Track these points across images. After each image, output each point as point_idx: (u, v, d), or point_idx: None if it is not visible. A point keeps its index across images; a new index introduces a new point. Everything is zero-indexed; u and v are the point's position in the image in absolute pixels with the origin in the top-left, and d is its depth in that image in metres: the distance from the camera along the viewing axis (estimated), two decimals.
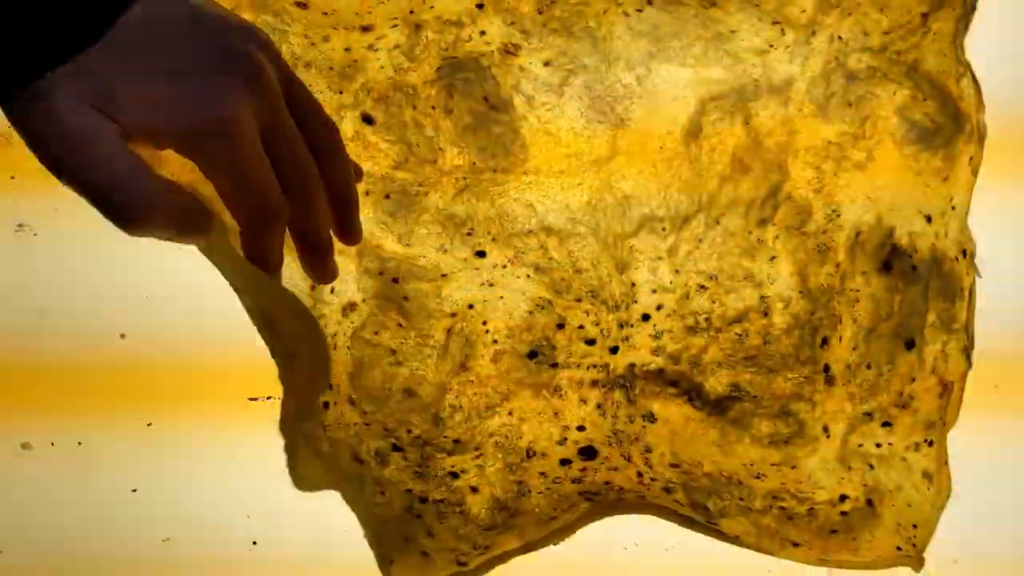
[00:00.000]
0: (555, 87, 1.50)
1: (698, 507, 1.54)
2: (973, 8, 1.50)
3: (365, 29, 1.51)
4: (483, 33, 1.51)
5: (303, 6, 1.50)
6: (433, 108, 1.52)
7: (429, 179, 1.52)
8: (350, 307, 1.54)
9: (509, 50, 1.49)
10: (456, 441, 1.54)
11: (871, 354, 1.51)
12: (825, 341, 1.51)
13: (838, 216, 1.51)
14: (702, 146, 1.47)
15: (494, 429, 1.54)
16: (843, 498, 1.51)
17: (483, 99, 1.52)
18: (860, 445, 1.51)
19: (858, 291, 1.51)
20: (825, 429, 1.51)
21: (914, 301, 1.51)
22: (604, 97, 1.46)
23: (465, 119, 1.51)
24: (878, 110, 1.48)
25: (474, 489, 1.54)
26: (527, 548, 1.59)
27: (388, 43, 1.51)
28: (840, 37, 1.46)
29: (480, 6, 1.50)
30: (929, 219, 1.50)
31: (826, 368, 1.52)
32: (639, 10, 1.50)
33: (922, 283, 1.50)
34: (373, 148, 1.51)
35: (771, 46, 1.48)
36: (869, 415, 1.52)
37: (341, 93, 1.54)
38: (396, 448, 1.53)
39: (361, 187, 1.47)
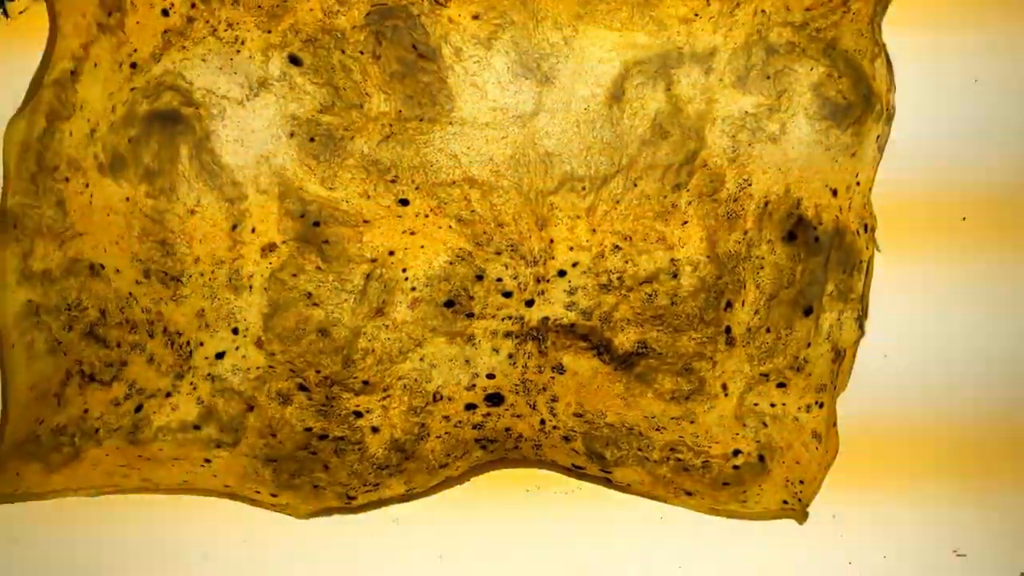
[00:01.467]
0: (483, 40, 1.55)
1: (594, 455, 1.63)
2: None
3: None
4: None
5: None
6: (361, 53, 1.55)
7: (355, 124, 1.56)
8: (269, 248, 1.57)
9: (439, 1, 1.52)
10: (365, 382, 1.60)
11: (771, 319, 1.61)
12: (729, 304, 1.61)
13: (749, 185, 1.59)
14: (624, 109, 1.54)
15: (404, 373, 1.60)
16: (736, 453, 1.62)
17: (411, 47, 1.56)
18: (756, 404, 1.61)
19: (763, 259, 1.59)
20: (724, 387, 1.61)
21: (814, 271, 1.60)
22: (531, 53, 1.51)
23: (393, 66, 1.55)
24: (794, 85, 1.56)
25: (375, 429, 1.61)
26: (407, 496, 1.65)
27: None
28: (763, 11, 1.53)
29: None
30: (835, 193, 1.60)
31: (728, 330, 1.62)
32: None
33: (823, 254, 1.60)
34: (299, 90, 1.54)
35: (696, 15, 1.54)
36: (766, 376, 1.61)
37: (269, 32, 1.56)
38: (302, 388, 1.58)
39: (286, 128, 1.55)
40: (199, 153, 1.51)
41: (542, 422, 1.59)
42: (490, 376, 1.59)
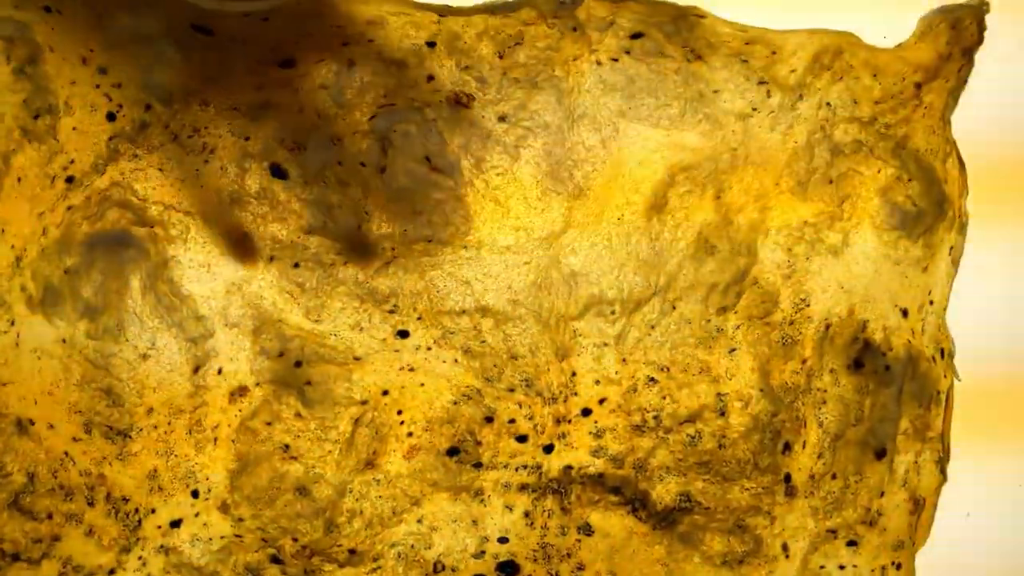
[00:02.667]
0: (510, 147, 1.38)
1: None
2: (965, 81, 1.41)
3: (283, 64, 1.36)
4: (431, 78, 1.38)
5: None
6: (363, 165, 1.38)
7: (349, 247, 1.38)
8: (240, 392, 1.37)
9: (461, 100, 1.36)
10: (352, 552, 1.40)
11: (837, 463, 1.44)
12: (787, 447, 1.43)
13: (807, 306, 1.43)
14: (666, 221, 1.38)
15: (399, 538, 1.40)
16: None
17: (424, 159, 1.39)
18: (822, 567, 1.44)
19: (825, 391, 1.43)
20: (784, 547, 1.43)
21: (886, 405, 1.44)
22: (564, 162, 1.33)
23: (400, 180, 1.38)
24: (859, 189, 1.41)
25: None
26: None
27: (311, 82, 1.37)
28: (828, 103, 1.39)
29: (431, 44, 1.37)
30: (905, 313, 1.44)
31: (787, 478, 1.44)
32: (615, 59, 1.40)
33: (895, 385, 1.44)
34: (284, 207, 1.36)
35: (754, 109, 1.41)
36: (833, 532, 1.44)
37: (247, 139, 1.38)
38: (275, 560, 1.38)
39: (265, 251, 1.36)
40: (154, 283, 1.33)
41: None
42: (503, 540, 1.40)
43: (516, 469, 1.38)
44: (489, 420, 1.37)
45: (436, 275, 1.36)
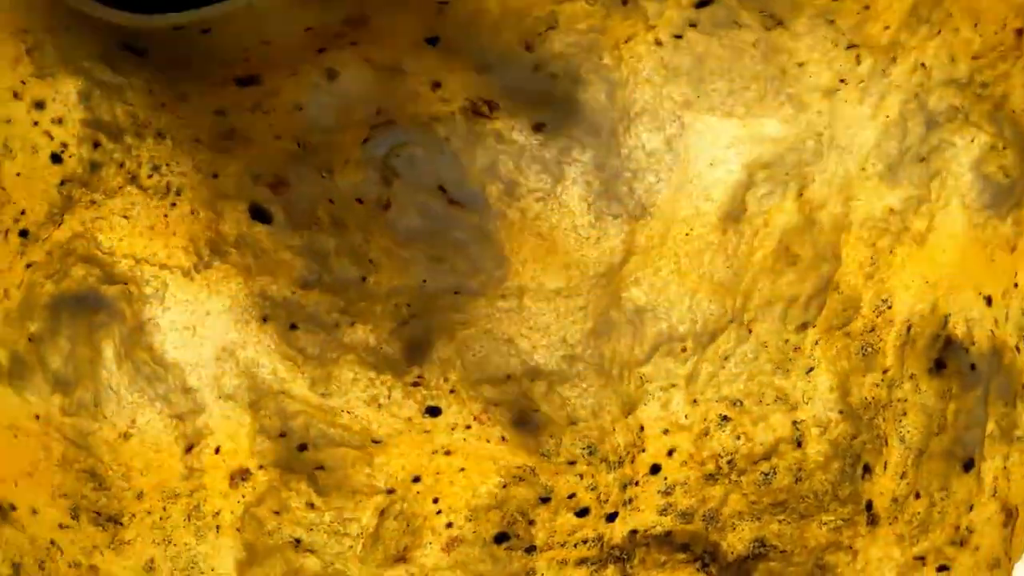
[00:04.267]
0: (551, 164, 1.15)
1: None
2: None
3: (243, 82, 1.11)
4: (437, 85, 1.12)
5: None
6: (359, 201, 1.14)
7: (355, 305, 1.17)
8: (241, 475, 1.21)
9: (479, 110, 1.12)
10: None
11: (921, 480, 1.31)
12: (867, 470, 1.31)
13: (888, 308, 1.28)
14: (743, 232, 1.20)
15: None
16: None
17: (438, 188, 1.15)
18: None
19: (906, 401, 1.30)
20: None
21: (972, 409, 1.31)
22: (620, 174, 1.09)
23: (410, 218, 1.16)
24: (950, 164, 1.26)
25: None
26: None
27: (284, 101, 1.11)
28: (923, 64, 1.21)
29: (433, 41, 1.09)
30: (989, 301, 1.31)
31: (868, 505, 1.32)
32: (678, 36, 1.16)
33: (981, 385, 1.31)
34: (271, 257, 1.15)
35: (842, 81, 1.20)
36: (922, 560, 1.32)
37: (215, 177, 1.16)
38: None
39: (255, 310, 1.18)
40: (131, 350, 1.17)
41: None
42: None
43: (575, 545, 1.23)
44: (545, 500, 1.22)
45: (469, 335, 1.17)
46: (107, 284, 1.18)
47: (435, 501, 1.22)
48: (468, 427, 1.20)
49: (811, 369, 1.26)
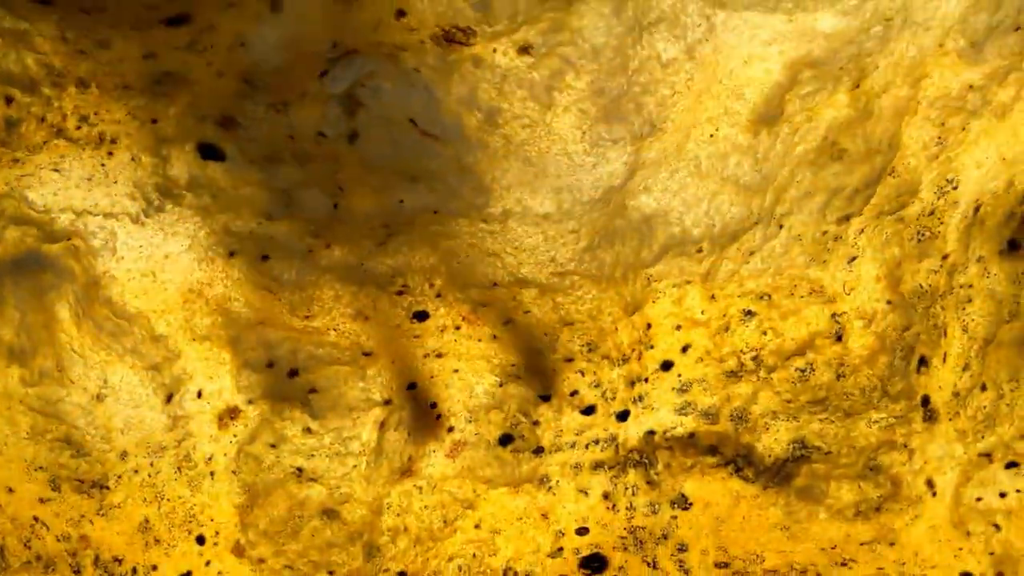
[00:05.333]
0: (539, 90, 1.03)
1: None
2: None
3: (173, 22, 0.99)
4: (402, 13, 1.00)
5: None
6: (321, 135, 1.05)
7: (329, 229, 1.11)
8: (230, 414, 1.16)
9: (454, 37, 1.00)
10: (401, 573, 1.23)
11: (988, 371, 1.20)
12: (924, 362, 1.21)
13: (954, 188, 1.16)
14: (779, 132, 1.10)
15: (455, 550, 1.23)
16: None
17: (409, 121, 1.05)
18: (979, 499, 1.23)
19: (971, 287, 1.18)
20: (930, 483, 1.23)
21: None
22: (626, 93, 1.03)
23: (379, 148, 1.06)
24: None
25: None
26: None
27: (221, 38, 0.99)
28: None
29: None
30: None
31: (925, 400, 1.22)
32: None
33: None
34: (228, 194, 1.07)
35: None
36: (988, 456, 1.22)
37: (155, 122, 1.05)
38: None
39: (220, 246, 1.09)
40: (89, 308, 1.11)
41: None
42: (582, 531, 1.23)
43: (586, 446, 1.20)
44: (546, 398, 1.18)
45: (453, 245, 1.12)
46: (48, 243, 1.11)
47: (432, 406, 1.19)
48: (457, 328, 1.16)
49: (854, 259, 1.16)
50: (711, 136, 1.09)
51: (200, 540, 1.20)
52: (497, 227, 1.10)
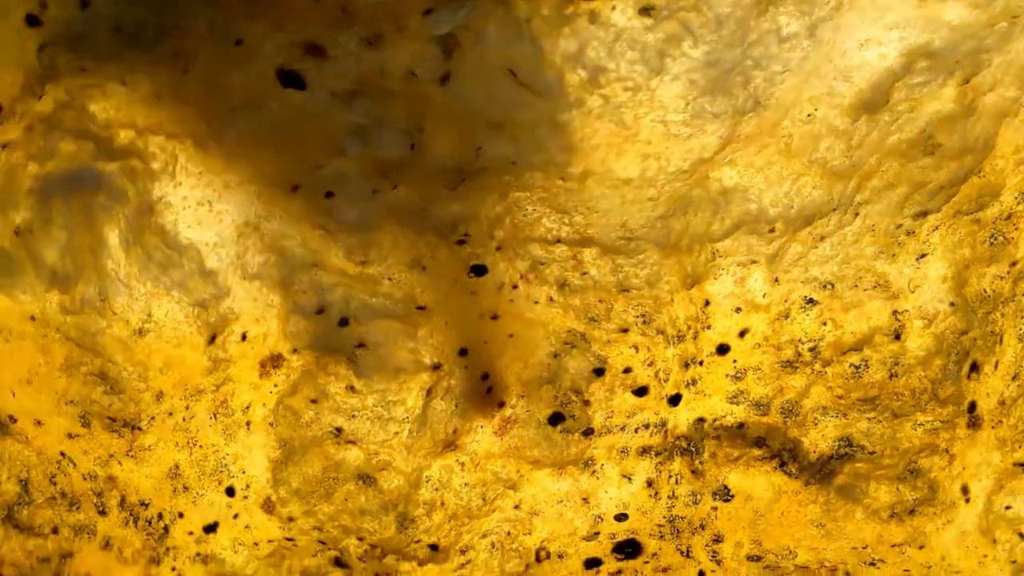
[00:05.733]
0: (651, 53, 1.00)
1: None
2: None
3: None
4: None
5: None
6: (413, 74, 1.00)
7: (399, 170, 1.06)
8: (273, 362, 1.12)
9: None
10: (433, 547, 1.20)
11: None
12: (975, 368, 1.19)
13: None
14: (879, 121, 1.07)
15: (491, 527, 1.20)
16: None
17: (508, 71, 1.01)
18: (1008, 507, 1.22)
19: None
20: (964, 490, 1.21)
21: None
22: (737, 67, 1.01)
23: (471, 92, 1.01)
24: None
25: None
26: None
27: None
28: None
29: None
30: None
31: (971, 407, 1.20)
32: None
33: None
34: (304, 124, 1.02)
35: None
36: (1022, 466, 1.20)
37: (239, 43, 0.99)
38: (339, 564, 1.19)
39: (285, 181, 1.04)
40: (139, 235, 1.07)
41: (700, 574, 1.23)
42: (621, 517, 1.21)
43: (636, 430, 1.18)
44: (599, 372, 1.16)
45: (522, 197, 1.08)
46: (105, 160, 1.06)
47: (484, 377, 1.16)
48: (515, 287, 1.12)
49: (923, 255, 1.14)
50: (808, 116, 1.06)
51: (230, 492, 1.18)
52: (574, 185, 1.06)
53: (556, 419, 1.17)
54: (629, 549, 1.22)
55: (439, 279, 1.12)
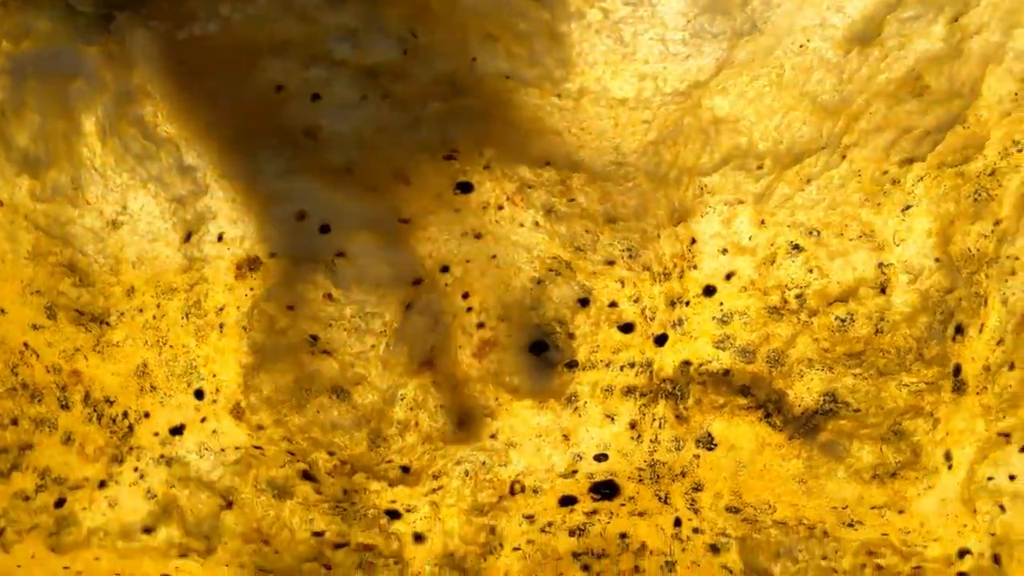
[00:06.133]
0: None
1: (758, 575, 1.23)
2: None
3: None
4: None
5: None
6: None
7: (390, 79, 1.04)
8: (250, 265, 1.11)
9: None
10: (404, 469, 1.19)
11: (1020, 351, 1.18)
12: (960, 331, 1.18)
13: (1019, 151, 1.13)
14: (869, 54, 1.07)
15: (465, 455, 1.19)
16: (963, 553, 1.21)
17: None
18: (990, 479, 1.20)
19: (1018, 259, 1.15)
20: (947, 456, 1.20)
21: None
22: None
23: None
24: None
25: (419, 537, 1.20)
26: None
27: None
28: None
29: None
30: None
31: (956, 370, 1.19)
32: None
33: None
34: (294, 19, 1.00)
35: None
36: (1006, 436, 1.19)
37: None
38: (307, 477, 1.18)
39: (269, 78, 1.02)
40: (116, 124, 1.05)
41: (677, 522, 1.21)
42: (600, 458, 1.19)
43: (621, 368, 1.17)
44: (584, 303, 1.15)
45: (515, 117, 1.09)
46: (84, 43, 1.05)
47: (465, 296, 1.14)
48: (500, 208, 1.12)
49: (908, 207, 1.13)
50: (801, 47, 1.07)
51: (199, 395, 1.16)
52: (569, 104, 1.07)
53: (538, 347, 1.16)
54: (606, 490, 1.21)
55: (423, 193, 1.11)
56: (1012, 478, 1.21)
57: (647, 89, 1.07)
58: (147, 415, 1.15)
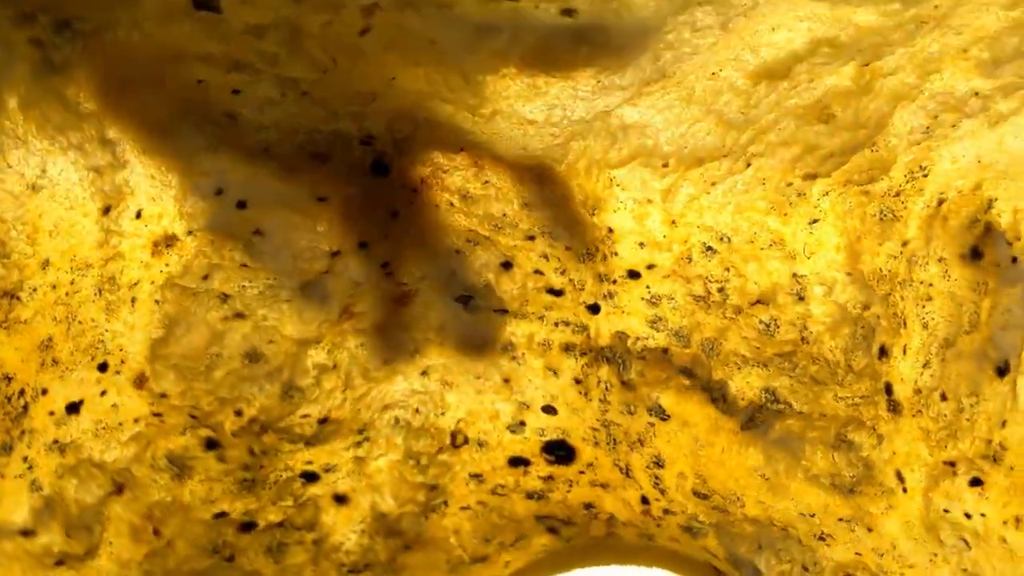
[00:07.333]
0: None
1: (743, 565, 1.18)
2: None
3: None
4: None
5: None
6: (329, 23, 1.08)
7: (309, 84, 1.11)
8: (166, 242, 1.12)
9: None
10: (322, 421, 1.12)
11: (948, 380, 1.17)
12: (884, 351, 1.19)
13: (924, 175, 1.21)
14: (777, 87, 1.19)
15: (395, 397, 1.13)
16: None
17: (428, 40, 1.11)
18: (946, 511, 1.15)
19: (931, 285, 1.19)
20: (900, 477, 1.17)
21: (1010, 309, 1.17)
22: (648, 50, 1.12)
23: (390, 40, 1.11)
24: None
25: (341, 499, 1.12)
26: None
27: None
28: None
29: None
30: None
31: (888, 388, 1.19)
32: None
33: (1022, 283, 1.18)
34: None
35: None
36: (952, 466, 1.15)
37: None
38: (211, 445, 1.10)
39: (190, 74, 1.08)
40: (38, 82, 1.06)
41: (644, 500, 1.17)
42: (548, 410, 1.16)
43: (556, 324, 1.17)
44: (507, 266, 1.17)
45: (432, 118, 1.14)
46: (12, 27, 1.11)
47: (384, 265, 1.14)
48: (415, 190, 1.15)
49: (815, 221, 1.21)
50: (713, 74, 1.17)
51: (102, 367, 1.10)
52: (482, 120, 1.14)
53: (465, 300, 1.16)
54: (561, 452, 1.17)
55: (340, 172, 1.14)
56: (968, 516, 1.14)
57: (555, 116, 1.16)
58: (45, 392, 1.08)
